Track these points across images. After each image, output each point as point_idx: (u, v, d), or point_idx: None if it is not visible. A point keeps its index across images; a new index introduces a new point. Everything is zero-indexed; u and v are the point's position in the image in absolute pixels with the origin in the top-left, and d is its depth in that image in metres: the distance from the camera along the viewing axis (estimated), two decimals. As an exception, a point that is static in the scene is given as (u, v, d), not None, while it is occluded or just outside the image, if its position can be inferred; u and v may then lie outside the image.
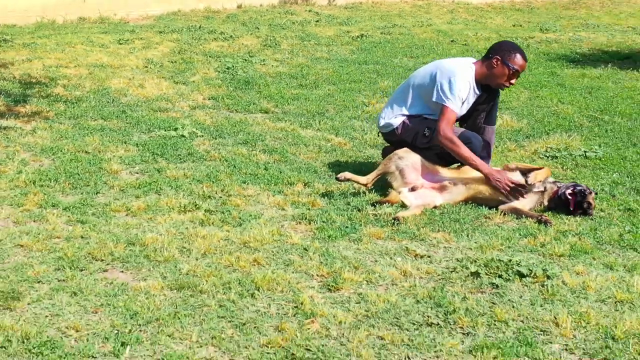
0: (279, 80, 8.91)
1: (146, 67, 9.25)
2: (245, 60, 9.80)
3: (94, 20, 12.48)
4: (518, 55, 5.40)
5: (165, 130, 6.64)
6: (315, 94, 8.33)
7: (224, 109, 7.70)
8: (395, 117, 5.61)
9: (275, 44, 10.91)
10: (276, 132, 6.88)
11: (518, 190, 5.10)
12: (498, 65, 5.40)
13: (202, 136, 6.59)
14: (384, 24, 13.18)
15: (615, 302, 3.87)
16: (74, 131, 6.58)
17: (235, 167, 5.81)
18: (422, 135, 5.50)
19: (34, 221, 4.75)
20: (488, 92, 5.55)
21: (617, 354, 3.40)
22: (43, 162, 5.80)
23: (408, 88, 5.64)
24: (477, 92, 5.46)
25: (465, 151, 5.19)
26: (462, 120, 5.66)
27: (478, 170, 5.18)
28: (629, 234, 4.81)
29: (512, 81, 5.46)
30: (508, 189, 5.09)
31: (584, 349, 3.46)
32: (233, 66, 9.38)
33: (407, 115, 5.58)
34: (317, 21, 13.04)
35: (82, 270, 4.10)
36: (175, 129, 6.64)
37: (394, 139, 5.67)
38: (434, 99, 5.35)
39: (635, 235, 4.77)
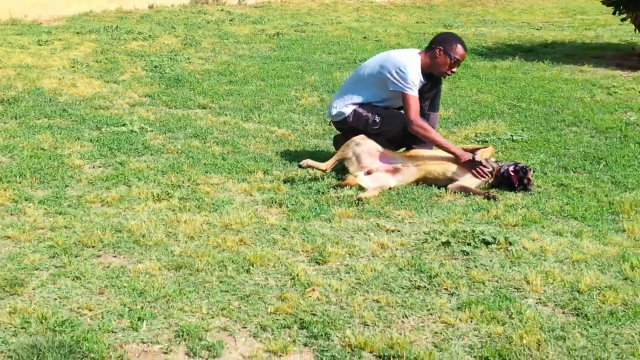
0: (209, 77, 9.12)
1: (73, 67, 9.28)
2: (171, 58, 9.95)
3: (4, 22, 12.30)
4: (459, 46, 5.85)
5: (114, 127, 6.78)
6: (247, 90, 8.59)
7: (162, 105, 7.87)
8: (346, 106, 5.97)
9: (196, 43, 11.09)
10: (221, 126, 7.12)
11: (484, 170, 5.54)
12: (441, 55, 5.83)
13: (152, 131, 6.77)
14: (295, 22, 13.54)
15: (573, 262, 4.34)
16: (22, 130, 6.64)
17: (193, 158, 6.03)
18: (372, 122, 5.87)
19: (12, 214, 4.86)
20: (431, 80, 5.96)
21: (584, 304, 3.85)
22: (2, 160, 5.86)
23: (358, 79, 6.00)
24: (423, 80, 5.87)
25: (436, 136, 5.62)
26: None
27: (450, 152, 5.61)
28: (567, 205, 5.30)
29: (454, 69, 5.91)
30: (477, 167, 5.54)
31: (555, 302, 3.90)
32: (160, 65, 9.53)
33: (357, 104, 5.94)
34: (231, 20, 13.28)
35: (76, 257, 4.27)
36: (124, 125, 6.79)
37: (345, 127, 6.02)
38: (391, 89, 5.74)
39: (574, 207, 5.27)
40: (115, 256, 4.32)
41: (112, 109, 7.58)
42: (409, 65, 5.71)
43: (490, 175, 5.61)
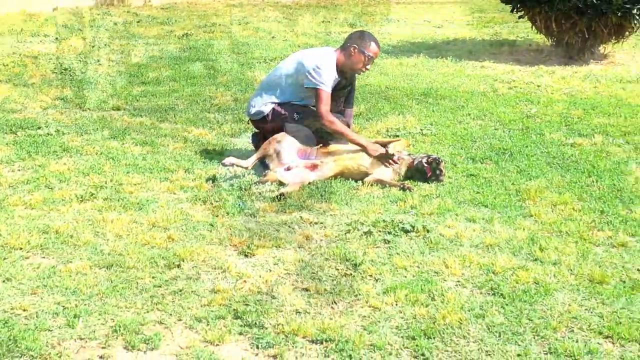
0: (121, 79, 9.11)
1: (-21, 71, 9.14)
2: (80, 61, 9.90)
3: None
4: (372, 44, 6.07)
5: (29, 130, 6.75)
6: (160, 91, 8.63)
7: (75, 108, 7.84)
8: (265, 104, 6.11)
9: (105, 45, 11.04)
10: (138, 127, 7.15)
11: (391, 160, 5.77)
12: (355, 53, 6.04)
13: (69, 133, 6.77)
14: (203, 22, 13.59)
15: (486, 246, 4.61)
16: None
17: (114, 159, 6.07)
18: (291, 120, 6.03)
19: None
20: (346, 77, 6.17)
21: (500, 284, 4.11)
22: None
23: (275, 78, 6.16)
24: (338, 77, 6.07)
25: (344, 129, 5.84)
26: (324, 104, 6.24)
27: (358, 144, 5.80)
28: (478, 194, 5.58)
29: (368, 66, 6.12)
30: (388, 159, 5.76)
31: (473, 283, 4.15)
32: (70, 67, 9.47)
33: (276, 103, 6.10)
34: (138, 22, 13.23)
35: (5, 259, 4.29)
36: (39, 128, 6.77)
37: (264, 125, 6.16)
38: (306, 86, 5.91)
39: (484, 195, 5.55)
40: (44, 257, 4.36)
41: (25, 112, 7.52)
42: (324, 63, 5.90)
43: (397, 163, 5.82)
